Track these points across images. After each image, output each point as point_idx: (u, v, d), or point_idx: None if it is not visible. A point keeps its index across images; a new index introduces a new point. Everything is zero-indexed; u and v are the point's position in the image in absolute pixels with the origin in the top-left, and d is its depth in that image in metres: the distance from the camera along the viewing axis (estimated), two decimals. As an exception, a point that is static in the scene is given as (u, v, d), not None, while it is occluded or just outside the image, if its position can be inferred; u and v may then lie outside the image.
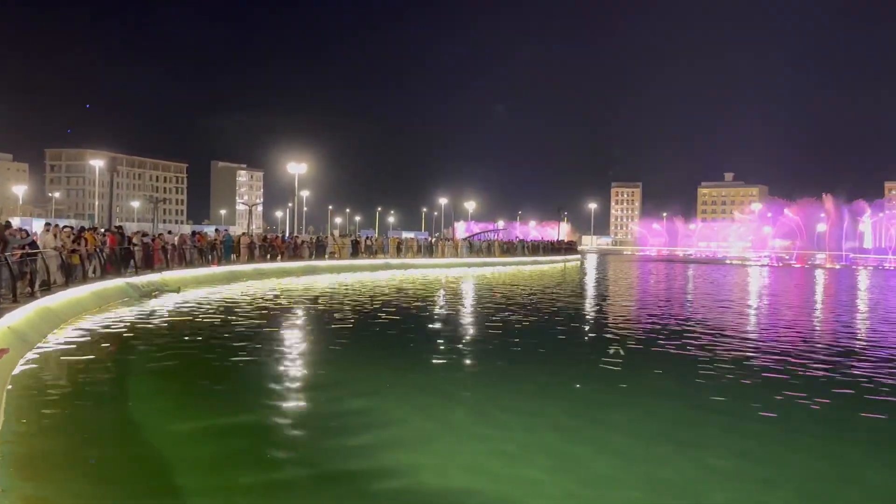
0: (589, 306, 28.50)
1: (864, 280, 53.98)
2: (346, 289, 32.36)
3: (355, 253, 50.34)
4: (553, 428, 10.03)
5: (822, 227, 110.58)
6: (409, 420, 10.27)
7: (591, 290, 37.58)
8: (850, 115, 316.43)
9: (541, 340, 18.37)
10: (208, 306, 23.54)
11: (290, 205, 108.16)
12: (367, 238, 57.77)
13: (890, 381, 13.43)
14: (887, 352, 17.26)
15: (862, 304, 32.88)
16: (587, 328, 21.62)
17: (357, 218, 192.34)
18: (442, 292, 32.67)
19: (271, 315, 21.70)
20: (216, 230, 47.78)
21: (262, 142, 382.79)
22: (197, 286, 29.89)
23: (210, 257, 35.70)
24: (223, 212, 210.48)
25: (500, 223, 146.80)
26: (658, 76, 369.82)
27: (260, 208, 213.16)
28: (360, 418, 10.27)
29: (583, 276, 51.16)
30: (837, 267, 79.00)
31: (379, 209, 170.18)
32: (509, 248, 69.76)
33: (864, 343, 19.04)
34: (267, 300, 26.26)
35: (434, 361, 14.99)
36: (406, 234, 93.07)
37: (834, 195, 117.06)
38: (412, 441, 9.33)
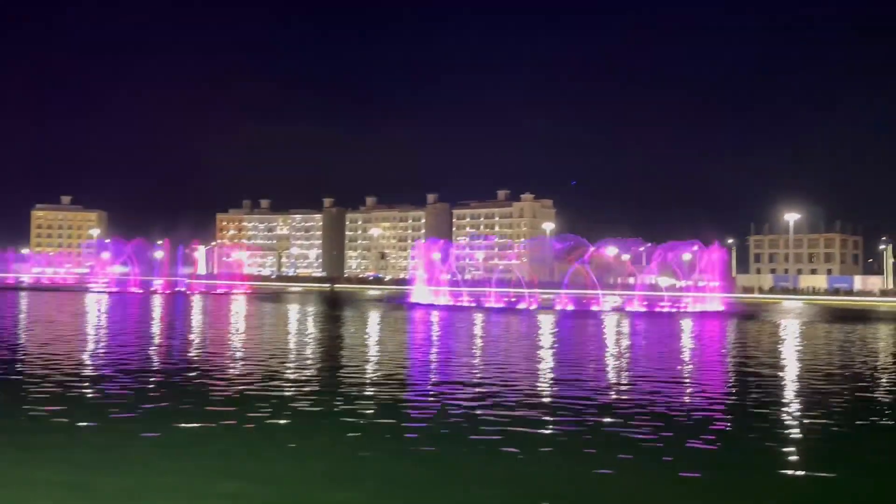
0: None
1: (196, 306, 59.62)
2: None
3: None
4: None
5: (159, 255, 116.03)
6: None
7: None
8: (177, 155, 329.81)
9: None
10: None
11: None
12: None
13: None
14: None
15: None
16: None
17: None
18: None
19: None
20: None
21: None
22: None
23: None
24: None
25: None
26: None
27: None
28: None
29: None
30: (175, 292, 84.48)
31: None
32: None
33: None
34: None
35: None
36: None
37: (174, 227, 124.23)
38: None
